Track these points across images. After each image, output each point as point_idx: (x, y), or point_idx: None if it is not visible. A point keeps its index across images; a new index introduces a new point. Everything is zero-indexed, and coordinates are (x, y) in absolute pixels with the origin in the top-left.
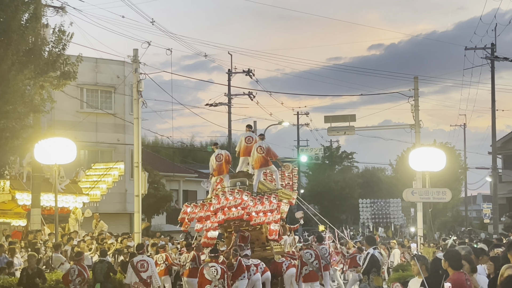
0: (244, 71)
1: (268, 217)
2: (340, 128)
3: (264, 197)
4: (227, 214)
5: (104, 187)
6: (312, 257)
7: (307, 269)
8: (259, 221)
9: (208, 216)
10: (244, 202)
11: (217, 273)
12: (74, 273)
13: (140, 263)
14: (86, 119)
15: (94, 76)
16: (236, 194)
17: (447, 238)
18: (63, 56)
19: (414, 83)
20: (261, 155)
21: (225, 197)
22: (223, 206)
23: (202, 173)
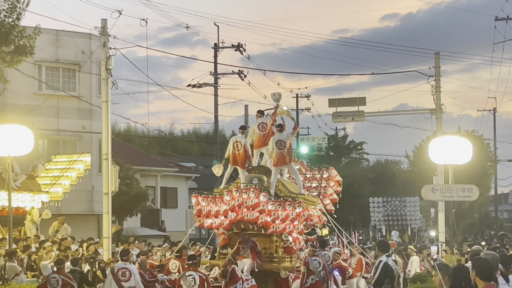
0: (233, 46)
1: (289, 226)
2: (347, 114)
3: (286, 203)
4: (240, 214)
5: (67, 184)
6: (320, 266)
7: (313, 279)
8: (278, 230)
9: (218, 212)
10: (263, 203)
11: (195, 283)
12: (57, 283)
13: (121, 271)
14: (46, 103)
15: (54, 51)
16: (252, 193)
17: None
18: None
19: (435, 60)
20: (281, 151)
21: (240, 194)
22: (239, 203)
23: (183, 167)
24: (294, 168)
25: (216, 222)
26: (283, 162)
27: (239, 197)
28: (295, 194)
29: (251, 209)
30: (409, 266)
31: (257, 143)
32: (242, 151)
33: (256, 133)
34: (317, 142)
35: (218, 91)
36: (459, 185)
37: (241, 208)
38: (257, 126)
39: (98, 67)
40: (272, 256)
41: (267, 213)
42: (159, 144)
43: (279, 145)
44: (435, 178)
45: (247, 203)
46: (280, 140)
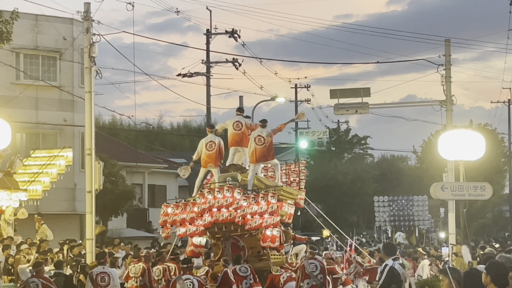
0: (227, 32)
1: (266, 220)
2: (350, 106)
3: (259, 196)
4: (215, 216)
5: (47, 181)
6: (317, 269)
7: (309, 283)
8: (255, 225)
9: (192, 219)
10: (237, 201)
11: (193, 287)
12: (37, 287)
13: (100, 275)
14: (24, 93)
15: (33, 37)
16: (226, 192)
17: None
18: None
19: (445, 48)
20: (260, 147)
21: (213, 196)
22: (210, 206)
23: (172, 163)
24: (276, 160)
25: (191, 229)
26: (263, 159)
27: (213, 198)
28: (272, 187)
29: (225, 208)
30: (419, 270)
31: (231, 142)
32: (215, 150)
33: (230, 132)
34: (317, 136)
35: (210, 81)
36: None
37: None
38: (232, 124)
39: (80, 55)
40: (260, 254)
41: (241, 210)
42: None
43: (257, 141)
44: (445, 175)
45: (219, 202)
46: (259, 136)
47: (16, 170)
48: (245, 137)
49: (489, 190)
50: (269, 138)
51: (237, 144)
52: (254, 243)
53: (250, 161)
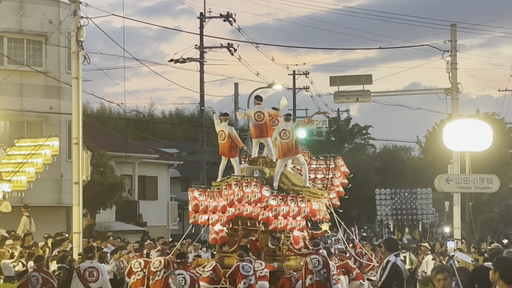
0: (221, 16)
1: (291, 222)
2: (350, 93)
3: (288, 198)
4: (239, 209)
5: (31, 171)
6: (320, 264)
7: (312, 279)
8: (280, 226)
9: (224, 207)
10: (266, 199)
11: (185, 282)
12: (37, 282)
13: (88, 270)
14: (8, 79)
15: (18, 21)
16: (254, 187)
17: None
18: None
19: (451, 33)
20: (286, 141)
21: (240, 188)
22: (239, 198)
23: (164, 153)
24: (302, 160)
25: (213, 218)
26: (289, 153)
27: (239, 191)
28: (299, 187)
29: (254, 204)
30: (423, 266)
31: (254, 133)
32: (226, 139)
33: (252, 121)
34: (316, 125)
35: (204, 67)
36: (477, 175)
37: (241, 203)
38: (253, 114)
39: (67, 39)
40: (275, 254)
41: (269, 209)
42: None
43: (283, 135)
44: (450, 167)
45: (248, 198)
46: (284, 130)
47: (0, 160)
48: (267, 127)
49: (496, 182)
50: (294, 131)
51: (260, 136)
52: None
53: (277, 156)
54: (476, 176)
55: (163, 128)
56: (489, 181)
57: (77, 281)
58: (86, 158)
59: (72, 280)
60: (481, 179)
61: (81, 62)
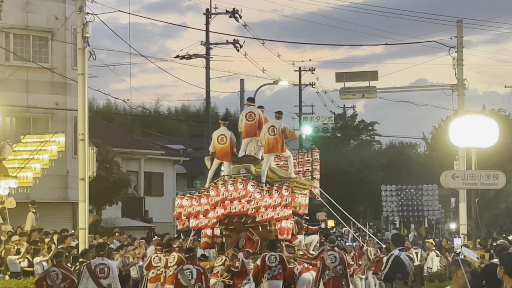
0: (228, 12)
1: (278, 212)
2: (356, 90)
3: (273, 188)
4: (228, 208)
5: (38, 168)
6: (336, 260)
7: (328, 275)
8: (267, 218)
9: (206, 211)
10: (250, 194)
11: (192, 277)
12: (57, 277)
13: (99, 267)
14: (14, 75)
15: (24, 17)
16: (239, 184)
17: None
18: None
19: (457, 29)
20: (273, 137)
21: (226, 188)
22: (223, 198)
23: (170, 150)
24: (288, 152)
25: (203, 221)
26: (275, 149)
27: (225, 191)
28: (286, 179)
29: (238, 201)
30: (429, 262)
31: (244, 133)
32: (227, 144)
33: (243, 123)
34: (322, 121)
35: (210, 63)
36: (483, 171)
37: (226, 202)
38: (245, 115)
39: (73, 35)
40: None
41: (255, 202)
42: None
43: (271, 131)
44: (456, 163)
45: (232, 195)
46: (272, 126)
47: (6, 156)
48: (257, 128)
49: (502, 179)
50: (283, 129)
51: (250, 135)
52: (266, 235)
53: (264, 151)
54: (482, 172)
55: (169, 124)
56: (495, 177)
57: (87, 277)
58: (92, 154)
59: (82, 276)
60: (487, 175)
61: (87, 58)
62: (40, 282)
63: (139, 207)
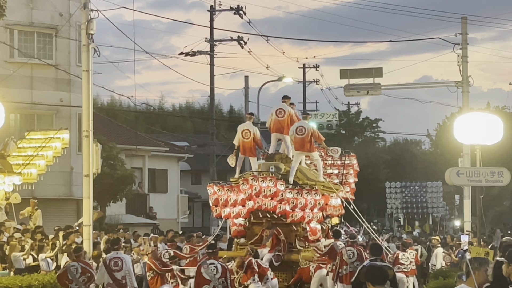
0: (232, 9)
1: (308, 214)
2: (361, 87)
3: (303, 191)
4: (258, 203)
5: (42, 164)
6: (354, 256)
7: (346, 269)
8: (297, 219)
9: (243, 200)
10: (281, 192)
11: (217, 271)
12: (77, 271)
13: (113, 261)
14: (18, 72)
15: (28, 13)
16: (269, 182)
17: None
18: None
19: (462, 26)
20: (301, 137)
21: (257, 183)
22: (257, 192)
23: (174, 146)
24: (317, 156)
25: (234, 211)
26: (302, 148)
27: (257, 185)
28: (314, 182)
29: (270, 198)
30: (433, 259)
31: (273, 128)
32: (251, 139)
33: (273, 118)
34: (326, 118)
35: (214, 60)
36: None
37: (259, 196)
38: (275, 111)
39: (78, 32)
40: (292, 246)
41: (286, 202)
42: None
43: (299, 131)
44: (460, 160)
45: (265, 192)
46: (300, 126)
47: (10, 153)
48: (286, 125)
49: (507, 176)
50: (310, 130)
51: (278, 131)
52: (287, 234)
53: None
54: (486, 169)
55: (173, 121)
56: (499, 174)
57: (103, 271)
58: (96, 151)
59: (98, 270)
60: (492, 173)
61: (91, 55)
62: (62, 277)
63: (143, 203)
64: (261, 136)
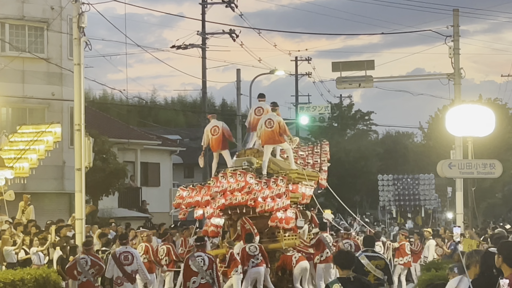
0: (224, 2)
1: (277, 202)
2: (353, 79)
3: (270, 180)
4: (229, 199)
5: (34, 158)
6: (352, 248)
7: None
8: (267, 208)
9: (207, 201)
10: (249, 185)
11: (204, 263)
12: (86, 263)
13: (123, 255)
14: (9, 66)
15: (19, 7)
16: (239, 176)
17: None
18: None
19: (454, 18)
20: (270, 129)
21: (227, 180)
22: (223, 189)
23: (166, 140)
24: (286, 145)
25: (208, 211)
26: (272, 141)
27: (226, 182)
28: (286, 170)
29: (241, 192)
30: (425, 251)
31: (253, 126)
32: (220, 133)
33: (252, 117)
34: (318, 111)
35: (206, 53)
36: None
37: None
38: (254, 110)
39: (69, 25)
40: (274, 235)
41: (253, 194)
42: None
43: (267, 124)
44: (452, 152)
45: (232, 187)
46: (269, 119)
47: (2, 147)
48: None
49: (499, 168)
50: (277, 123)
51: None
52: (267, 224)
53: (261, 143)
54: (478, 161)
55: (166, 114)
56: (491, 166)
57: (113, 264)
58: (88, 144)
59: (108, 263)
60: (484, 165)
61: (82, 49)
62: (71, 269)
63: (136, 197)
64: None
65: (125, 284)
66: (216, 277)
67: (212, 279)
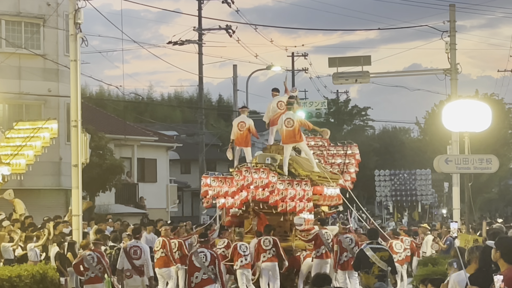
0: None
1: (299, 205)
2: (350, 75)
3: (294, 182)
4: (251, 193)
5: (30, 154)
6: (353, 242)
7: (347, 256)
8: (289, 208)
9: (234, 192)
10: (272, 184)
11: (206, 259)
12: (93, 260)
13: (133, 249)
14: (6, 62)
15: (15, 3)
16: (262, 174)
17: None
18: None
19: (450, 14)
20: (289, 129)
21: (250, 174)
22: (248, 183)
23: (163, 136)
24: (305, 147)
25: (228, 202)
26: (291, 140)
27: (249, 176)
28: (309, 172)
29: (261, 189)
30: (424, 246)
31: (273, 121)
32: (245, 130)
33: (272, 111)
34: (315, 107)
35: (203, 49)
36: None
37: (250, 187)
38: (276, 104)
39: (65, 22)
40: (286, 234)
41: (277, 193)
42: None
43: (287, 123)
44: (449, 147)
45: (257, 183)
46: (289, 118)
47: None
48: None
49: (495, 163)
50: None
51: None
52: (281, 222)
53: (283, 142)
54: (475, 156)
55: (162, 110)
56: (488, 161)
57: (123, 257)
58: (85, 140)
59: (119, 256)
60: (480, 160)
61: (79, 45)
62: (77, 265)
63: (132, 193)
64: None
65: (134, 277)
66: (219, 273)
67: (214, 275)
